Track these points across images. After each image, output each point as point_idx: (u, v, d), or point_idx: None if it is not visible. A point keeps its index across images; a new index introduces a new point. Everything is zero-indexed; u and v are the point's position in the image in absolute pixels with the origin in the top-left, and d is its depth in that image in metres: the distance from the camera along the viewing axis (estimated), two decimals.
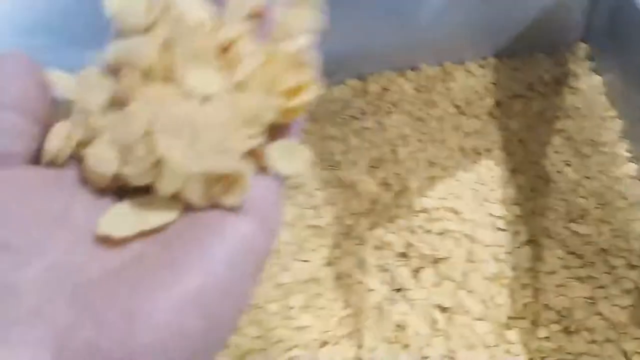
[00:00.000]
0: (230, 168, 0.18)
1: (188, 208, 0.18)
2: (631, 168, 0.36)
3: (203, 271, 0.16)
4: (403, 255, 0.35)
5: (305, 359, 0.32)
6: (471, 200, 0.36)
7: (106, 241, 0.17)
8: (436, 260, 0.34)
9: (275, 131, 0.19)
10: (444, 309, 0.33)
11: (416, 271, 0.34)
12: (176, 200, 0.18)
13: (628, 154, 0.37)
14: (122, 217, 0.18)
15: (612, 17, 0.38)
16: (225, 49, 0.19)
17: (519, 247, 0.34)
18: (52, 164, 0.19)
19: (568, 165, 0.37)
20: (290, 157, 0.19)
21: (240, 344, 0.32)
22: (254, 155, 0.19)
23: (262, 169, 0.19)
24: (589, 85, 0.40)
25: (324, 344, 0.33)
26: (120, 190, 0.19)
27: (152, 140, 0.18)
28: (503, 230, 0.35)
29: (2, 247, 0.16)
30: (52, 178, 0.18)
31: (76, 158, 0.19)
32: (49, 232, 0.17)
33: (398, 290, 0.34)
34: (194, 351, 0.16)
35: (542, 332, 0.32)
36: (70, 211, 0.18)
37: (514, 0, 0.39)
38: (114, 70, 0.18)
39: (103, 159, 0.18)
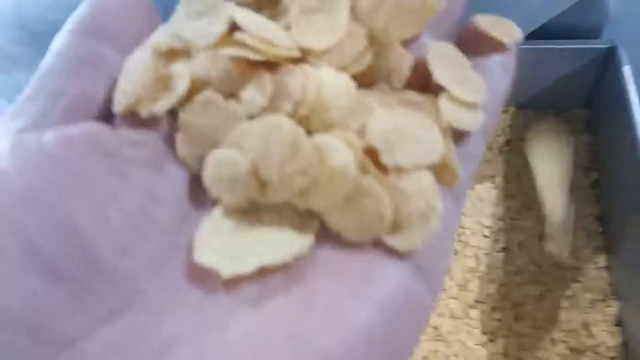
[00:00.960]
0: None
1: (321, 236, 0.15)
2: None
3: (346, 338, 0.13)
4: None
5: None
6: (469, 211, 0.47)
7: (204, 277, 0.14)
8: None
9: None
10: None
11: None
12: (312, 219, 0.15)
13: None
14: (231, 244, 0.15)
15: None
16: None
17: (496, 252, 0.44)
18: (128, 115, 0.16)
19: None
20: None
21: None
22: (440, 168, 0.16)
23: (448, 184, 0.17)
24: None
25: None
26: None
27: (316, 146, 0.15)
28: (487, 237, 0.45)
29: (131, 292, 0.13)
30: (128, 147, 0.15)
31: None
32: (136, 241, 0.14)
33: None
34: None
35: (496, 315, 0.42)
36: (152, 209, 0.15)
37: (539, 61, 0.49)
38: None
39: (231, 163, 0.15)
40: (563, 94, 0.49)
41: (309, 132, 0.16)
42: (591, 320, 0.40)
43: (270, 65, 0.16)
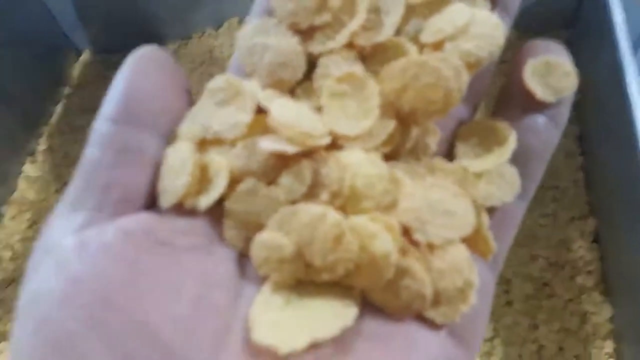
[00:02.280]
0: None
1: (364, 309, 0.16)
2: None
3: None
4: None
5: None
6: None
7: (262, 354, 0.15)
8: None
9: None
10: None
11: None
12: (354, 296, 0.16)
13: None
14: (283, 320, 0.15)
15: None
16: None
17: None
18: (177, 208, 0.17)
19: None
20: None
21: None
22: (474, 239, 0.17)
23: (482, 253, 0.17)
24: None
25: None
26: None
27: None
28: None
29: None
30: (180, 236, 0.16)
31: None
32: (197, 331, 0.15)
33: None
34: None
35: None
36: (209, 293, 0.16)
37: None
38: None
39: (276, 245, 0.16)
40: (544, 14, 0.48)
41: (345, 213, 0.16)
42: (570, 237, 0.42)
43: (306, 152, 0.17)
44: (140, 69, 0.17)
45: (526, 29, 0.49)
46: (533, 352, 0.39)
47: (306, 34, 0.19)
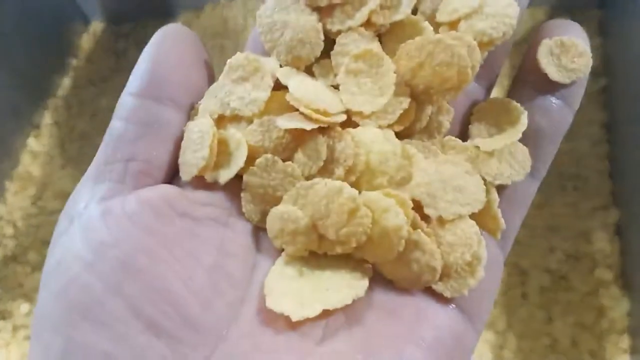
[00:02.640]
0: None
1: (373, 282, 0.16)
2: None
3: None
4: None
5: None
6: None
7: (277, 321, 0.16)
8: None
9: None
10: None
11: None
12: (366, 269, 0.17)
13: None
14: (297, 289, 0.16)
15: None
16: None
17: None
18: (196, 181, 0.17)
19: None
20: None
21: None
22: (484, 216, 0.17)
23: (491, 231, 0.18)
24: None
25: None
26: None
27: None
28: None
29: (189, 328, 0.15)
30: (199, 207, 0.17)
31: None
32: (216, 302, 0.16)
33: None
34: None
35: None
36: (225, 264, 0.17)
37: None
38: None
39: (292, 218, 0.17)
40: None
41: (359, 189, 0.17)
42: (591, 228, 0.40)
43: (322, 129, 0.17)
44: (165, 46, 0.17)
45: (558, 7, 0.46)
46: (546, 346, 0.37)
47: (325, 11, 0.19)
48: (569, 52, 0.18)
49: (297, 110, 0.17)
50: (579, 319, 0.38)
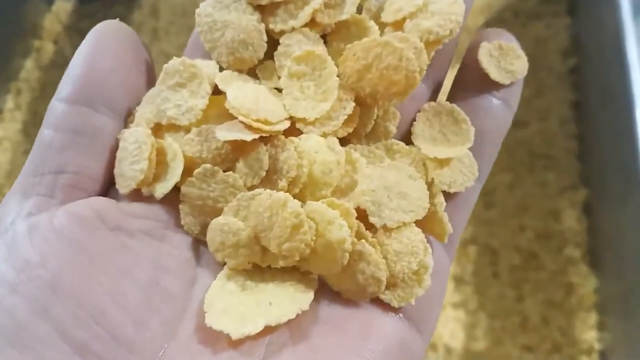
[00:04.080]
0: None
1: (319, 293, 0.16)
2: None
3: None
4: None
5: None
6: None
7: (216, 339, 0.15)
8: None
9: None
10: None
11: None
12: (311, 281, 0.16)
13: None
14: (238, 304, 0.15)
15: None
16: None
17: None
18: (132, 193, 0.17)
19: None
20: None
21: None
22: (430, 221, 0.17)
23: (438, 236, 0.17)
24: None
25: None
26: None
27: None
28: None
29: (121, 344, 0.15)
30: (133, 220, 0.16)
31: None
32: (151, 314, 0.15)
33: None
34: None
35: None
36: (161, 279, 0.16)
37: None
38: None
39: (233, 230, 0.16)
40: None
41: (302, 200, 0.17)
42: (560, 207, 0.41)
43: (264, 137, 0.17)
44: (100, 46, 0.16)
45: None
46: (517, 324, 0.38)
47: (267, 10, 0.18)
48: (507, 55, 0.19)
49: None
50: (549, 297, 0.38)
